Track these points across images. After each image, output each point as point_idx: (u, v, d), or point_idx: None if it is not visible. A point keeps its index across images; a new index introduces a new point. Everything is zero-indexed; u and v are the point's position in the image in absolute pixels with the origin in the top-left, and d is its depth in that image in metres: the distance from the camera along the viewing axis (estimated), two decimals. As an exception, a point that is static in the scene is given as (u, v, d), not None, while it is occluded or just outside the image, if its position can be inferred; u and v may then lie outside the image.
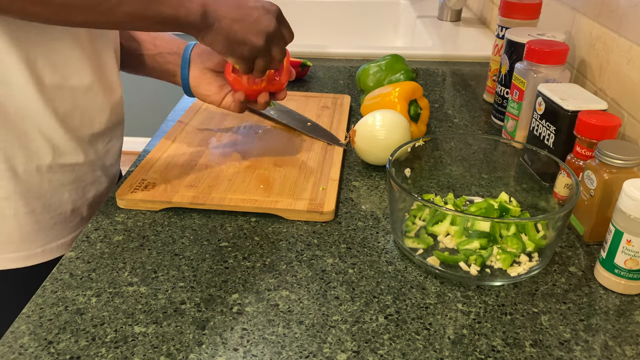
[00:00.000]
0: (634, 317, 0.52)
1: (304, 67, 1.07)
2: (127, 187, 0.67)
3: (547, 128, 0.70)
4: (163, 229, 0.63)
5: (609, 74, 0.78)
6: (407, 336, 0.49)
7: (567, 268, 0.59)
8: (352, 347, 0.48)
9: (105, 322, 0.50)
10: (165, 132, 0.84)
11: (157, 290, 0.54)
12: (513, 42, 0.84)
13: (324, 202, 0.65)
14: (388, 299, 0.54)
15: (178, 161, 0.74)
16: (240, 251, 0.60)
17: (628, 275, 0.54)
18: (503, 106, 0.88)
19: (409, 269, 0.58)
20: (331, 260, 0.59)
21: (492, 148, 0.70)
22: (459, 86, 1.07)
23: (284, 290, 0.54)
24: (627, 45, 0.73)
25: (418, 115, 0.81)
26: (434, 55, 1.21)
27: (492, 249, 0.57)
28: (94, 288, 0.54)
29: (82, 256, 0.59)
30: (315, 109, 0.92)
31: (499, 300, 0.54)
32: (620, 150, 0.57)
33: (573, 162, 0.64)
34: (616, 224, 0.53)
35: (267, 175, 0.71)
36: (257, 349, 0.48)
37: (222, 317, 0.51)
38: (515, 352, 0.48)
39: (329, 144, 0.80)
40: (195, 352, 0.47)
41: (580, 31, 0.87)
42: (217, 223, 0.64)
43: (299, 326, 0.50)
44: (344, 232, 0.63)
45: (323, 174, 0.71)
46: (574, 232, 0.64)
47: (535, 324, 0.51)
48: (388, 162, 0.61)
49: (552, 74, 0.75)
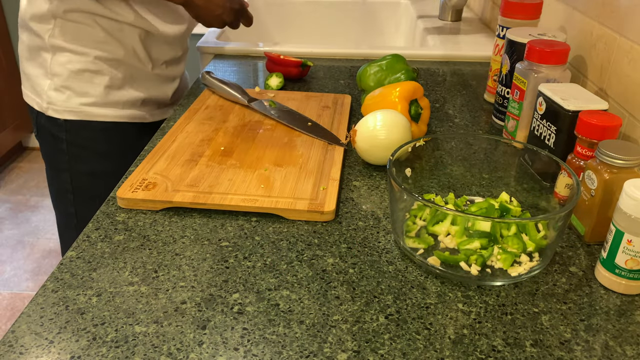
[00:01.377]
0: (634, 317, 0.52)
1: (305, 66, 1.07)
2: (128, 187, 0.67)
3: (548, 128, 0.70)
4: (164, 229, 0.63)
5: (609, 74, 0.78)
6: (408, 336, 0.49)
7: (567, 268, 0.59)
8: (353, 346, 0.48)
9: (105, 322, 0.50)
10: (165, 132, 0.84)
11: (158, 289, 0.54)
12: (514, 42, 0.84)
13: (325, 201, 0.65)
14: (388, 299, 0.54)
15: (179, 161, 0.74)
16: (240, 251, 0.60)
17: (629, 275, 0.54)
18: (504, 106, 0.88)
19: (409, 268, 0.58)
20: (332, 260, 0.59)
21: (493, 148, 0.70)
22: (459, 86, 1.07)
23: (284, 290, 0.54)
24: (628, 45, 0.73)
25: (419, 115, 0.81)
26: (435, 55, 1.21)
27: (492, 248, 0.57)
28: (94, 288, 0.54)
29: (82, 256, 0.59)
30: (316, 108, 0.92)
31: (500, 300, 0.54)
32: (621, 150, 0.57)
33: (574, 162, 0.64)
34: (617, 224, 0.53)
35: (268, 175, 0.71)
36: (257, 349, 0.48)
37: (222, 316, 0.51)
38: (515, 352, 0.48)
39: (329, 143, 0.80)
40: (196, 352, 0.47)
41: (581, 31, 0.86)
42: (218, 223, 0.64)
43: (300, 326, 0.50)
44: (344, 232, 0.63)
45: (324, 174, 0.71)
46: (574, 232, 0.64)
47: (536, 323, 0.51)
48: (389, 162, 0.61)
49: (553, 74, 0.75)
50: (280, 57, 1.07)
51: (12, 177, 2.56)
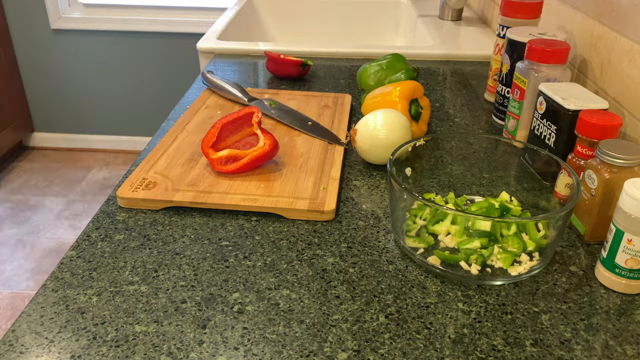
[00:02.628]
0: (634, 316, 0.52)
1: (305, 66, 1.07)
2: (128, 187, 0.67)
3: (548, 127, 0.70)
4: (164, 228, 0.63)
5: (610, 73, 0.78)
6: (408, 335, 0.49)
7: (567, 267, 0.59)
8: (353, 346, 0.48)
9: (106, 321, 0.50)
10: (166, 132, 0.84)
11: (158, 289, 0.54)
12: (514, 42, 0.84)
13: (325, 201, 0.65)
14: (389, 298, 0.54)
15: (179, 160, 0.74)
16: (241, 250, 0.60)
17: (629, 275, 0.54)
18: (504, 105, 0.88)
19: (409, 268, 0.58)
20: (332, 260, 0.59)
21: (493, 147, 0.70)
22: (459, 85, 1.07)
23: (284, 290, 0.54)
24: (628, 45, 0.73)
25: (419, 115, 0.81)
26: (435, 54, 1.21)
27: (492, 248, 0.57)
28: (94, 287, 0.54)
29: (83, 255, 0.59)
30: (316, 108, 0.92)
31: (500, 300, 0.54)
32: (621, 150, 0.57)
33: (574, 162, 0.64)
34: (617, 224, 0.53)
35: (268, 175, 0.71)
36: (257, 348, 0.48)
37: (222, 316, 0.51)
38: (515, 351, 0.48)
39: (329, 143, 0.80)
40: (196, 351, 0.47)
41: (582, 30, 0.86)
42: (218, 222, 0.64)
43: (300, 325, 0.50)
44: (344, 231, 0.63)
45: (324, 173, 0.71)
46: (574, 231, 0.64)
47: (536, 323, 0.51)
48: (389, 162, 0.61)
49: (553, 73, 0.75)
50: (280, 56, 1.07)
51: (12, 177, 2.56)
